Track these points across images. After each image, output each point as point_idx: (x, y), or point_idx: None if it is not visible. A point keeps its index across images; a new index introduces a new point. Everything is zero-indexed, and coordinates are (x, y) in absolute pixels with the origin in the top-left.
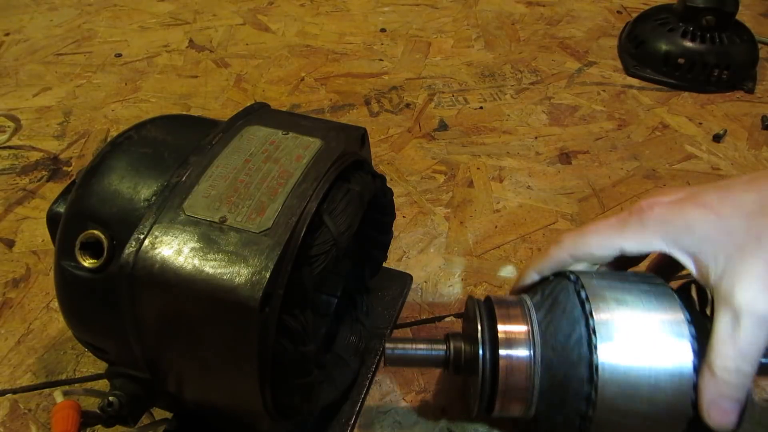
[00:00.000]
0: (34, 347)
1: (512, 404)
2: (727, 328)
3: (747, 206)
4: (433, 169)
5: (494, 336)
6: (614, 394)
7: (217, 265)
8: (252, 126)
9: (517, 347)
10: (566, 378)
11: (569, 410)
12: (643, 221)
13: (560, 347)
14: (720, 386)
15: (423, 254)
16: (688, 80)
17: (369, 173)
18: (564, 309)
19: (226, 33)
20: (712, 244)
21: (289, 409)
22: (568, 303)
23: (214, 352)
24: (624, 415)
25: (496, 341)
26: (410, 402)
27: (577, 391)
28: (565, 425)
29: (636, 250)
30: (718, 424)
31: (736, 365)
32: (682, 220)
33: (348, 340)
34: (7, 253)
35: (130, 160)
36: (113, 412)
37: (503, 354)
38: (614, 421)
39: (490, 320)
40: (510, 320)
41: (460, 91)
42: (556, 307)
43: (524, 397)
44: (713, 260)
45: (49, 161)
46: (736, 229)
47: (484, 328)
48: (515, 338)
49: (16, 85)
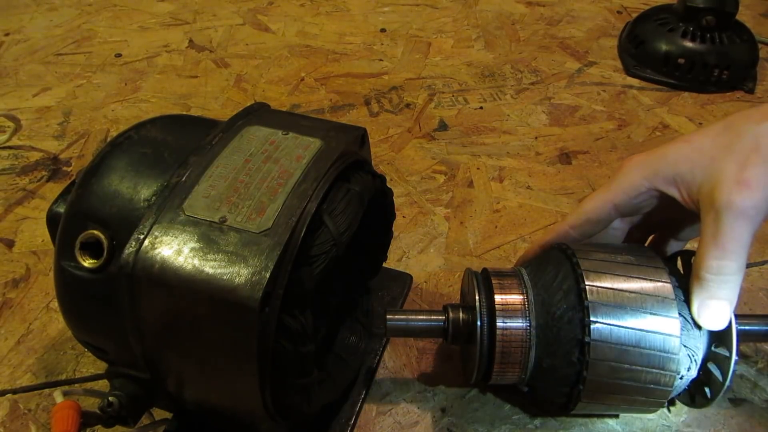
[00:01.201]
0: (34, 347)
1: (508, 372)
2: (709, 230)
3: (713, 130)
4: (433, 169)
5: (491, 306)
6: (605, 354)
7: (217, 266)
8: (252, 126)
9: (513, 317)
10: (559, 344)
11: (562, 375)
12: (624, 171)
13: (553, 314)
14: (707, 288)
15: (423, 254)
16: (688, 80)
17: (369, 173)
18: (556, 278)
19: (226, 33)
20: (687, 163)
21: (289, 409)
22: (560, 272)
23: (214, 352)
24: (616, 372)
25: (494, 311)
26: (410, 402)
27: (569, 355)
28: (559, 388)
29: (626, 200)
30: (710, 324)
31: (719, 263)
32: (658, 156)
33: (348, 340)
34: (7, 253)
35: (130, 160)
36: (113, 412)
37: (500, 324)
38: (606, 381)
39: (487, 291)
40: (506, 290)
41: (460, 91)
42: (549, 276)
43: (520, 365)
44: (691, 177)
45: (49, 161)
46: (707, 146)
47: (482, 299)
48: (511, 308)
49: (16, 85)
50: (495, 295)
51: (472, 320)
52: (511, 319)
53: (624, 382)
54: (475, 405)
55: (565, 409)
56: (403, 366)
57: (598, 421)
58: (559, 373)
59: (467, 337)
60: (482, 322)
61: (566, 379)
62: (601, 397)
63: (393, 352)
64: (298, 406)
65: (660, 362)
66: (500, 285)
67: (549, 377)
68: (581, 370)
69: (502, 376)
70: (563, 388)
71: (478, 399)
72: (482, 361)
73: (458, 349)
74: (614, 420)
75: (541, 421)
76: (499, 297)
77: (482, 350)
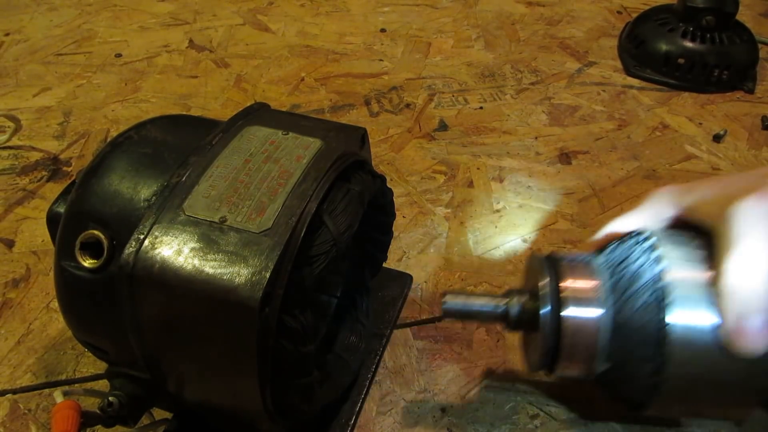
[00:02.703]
0: (34, 347)
1: (574, 365)
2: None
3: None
4: (433, 169)
5: (558, 293)
6: (685, 358)
7: (217, 266)
8: (252, 126)
9: (583, 306)
10: (634, 340)
11: (636, 374)
12: (655, 198)
13: (629, 307)
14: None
15: (423, 254)
16: (688, 80)
17: (369, 173)
18: (634, 268)
19: (226, 33)
20: (711, 190)
21: (289, 409)
22: (637, 262)
23: (214, 352)
24: (694, 380)
25: (561, 299)
26: (410, 402)
27: (644, 354)
28: (632, 389)
29: (652, 224)
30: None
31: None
32: (687, 188)
33: (348, 340)
34: (7, 253)
35: (130, 160)
36: (113, 413)
37: (568, 313)
38: (684, 387)
39: (554, 276)
40: (575, 277)
41: (460, 91)
42: (625, 265)
43: (588, 359)
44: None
45: (49, 161)
46: (733, 183)
47: (548, 285)
48: (581, 296)
49: (16, 85)
50: (563, 282)
51: (537, 307)
52: (581, 306)
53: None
54: (475, 405)
55: (638, 408)
56: (403, 366)
57: (599, 422)
58: (633, 370)
59: (530, 324)
60: (548, 310)
61: (640, 378)
62: (680, 399)
63: (393, 352)
64: (298, 406)
65: None
66: (570, 269)
67: (621, 374)
68: (659, 369)
69: (568, 368)
70: (636, 387)
71: (478, 399)
72: (546, 352)
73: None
74: (614, 420)
75: (541, 421)
76: (567, 284)
77: (546, 341)
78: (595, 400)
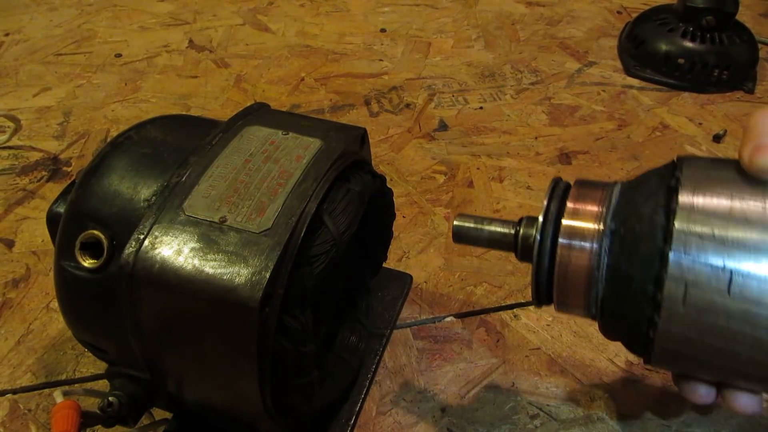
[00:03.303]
0: (34, 347)
1: (571, 298)
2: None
3: None
4: (433, 169)
5: (557, 220)
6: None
7: (217, 266)
8: (252, 126)
9: (581, 234)
10: (632, 273)
11: (633, 313)
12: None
13: (631, 235)
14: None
15: (423, 254)
16: (688, 80)
17: (369, 173)
18: (647, 191)
19: (226, 33)
20: None
21: (289, 409)
22: (651, 184)
23: (214, 352)
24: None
25: (561, 226)
26: (410, 402)
27: (642, 289)
28: (630, 330)
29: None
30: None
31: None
32: None
33: (348, 340)
34: (7, 254)
35: (130, 160)
36: (113, 413)
37: (563, 241)
38: (685, 334)
39: (559, 201)
40: (582, 201)
41: (460, 91)
42: (640, 188)
43: (584, 293)
44: None
45: (49, 161)
46: None
47: (549, 209)
48: (581, 224)
49: (16, 85)
50: (567, 207)
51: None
52: (578, 237)
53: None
54: (475, 405)
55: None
56: (403, 366)
57: (599, 422)
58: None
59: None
60: (542, 237)
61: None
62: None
63: (393, 352)
64: (298, 406)
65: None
66: (579, 194)
67: (619, 312)
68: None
69: (564, 303)
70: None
71: (478, 399)
72: (538, 283)
73: None
74: (614, 420)
75: (541, 421)
76: (571, 207)
77: (539, 270)
78: (595, 400)
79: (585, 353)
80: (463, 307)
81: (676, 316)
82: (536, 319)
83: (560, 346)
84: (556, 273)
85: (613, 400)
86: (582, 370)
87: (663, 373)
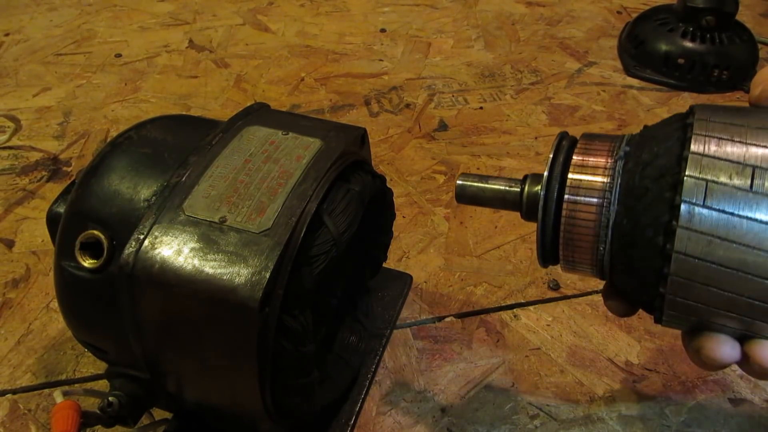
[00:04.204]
0: (34, 347)
1: (578, 255)
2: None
3: None
4: (433, 169)
5: (563, 175)
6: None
7: (217, 266)
8: (252, 126)
9: (588, 188)
10: (639, 225)
11: (642, 267)
12: None
13: (638, 188)
14: None
15: (423, 254)
16: (688, 80)
17: (369, 173)
18: (656, 141)
19: (226, 33)
20: None
21: (289, 409)
22: (662, 133)
23: (214, 352)
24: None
25: (564, 180)
26: (410, 402)
27: (651, 242)
28: (639, 285)
29: None
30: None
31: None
32: None
33: (348, 340)
34: (7, 254)
35: (130, 160)
36: (113, 413)
37: (570, 197)
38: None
39: (566, 155)
40: (590, 155)
41: (460, 92)
42: (650, 139)
43: (591, 250)
44: None
45: (49, 161)
46: None
47: (555, 164)
48: (588, 177)
49: (16, 85)
50: (573, 161)
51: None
52: (585, 191)
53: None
54: (475, 405)
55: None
56: (403, 366)
57: (599, 422)
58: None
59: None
60: (547, 192)
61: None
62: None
63: (393, 352)
64: (298, 406)
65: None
66: (586, 148)
67: (628, 267)
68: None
69: (571, 261)
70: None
71: (478, 399)
72: (544, 241)
73: None
74: (614, 420)
75: (541, 421)
76: (577, 159)
77: (544, 228)
78: (595, 400)
79: (585, 353)
80: (463, 307)
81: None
82: (536, 319)
83: (560, 346)
84: (562, 230)
85: (613, 400)
86: (582, 370)
87: (663, 373)
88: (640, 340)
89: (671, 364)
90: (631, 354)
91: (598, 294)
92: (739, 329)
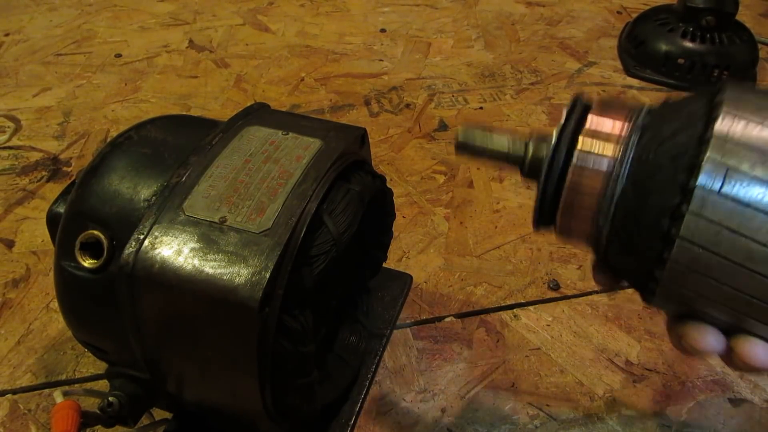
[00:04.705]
0: (34, 347)
1: (576, 223)
2: None
3: None
4: (433, 170)
5: (574, 137)
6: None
7: (217, 266)
8: (252, 126)
9: (597, 155)
10: (646, 204)
11: (641, 248)
12: None
13: (651, 164)
14: None
15: (423, 254)
16: (688, 80)
17: (369, 173)
18: (679, 116)
19: (226, 33)
20: None
21: (289, 409)
22: (688, 107)
23: (213, 352)
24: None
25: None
26: (410, 402)
27: (655, 223)
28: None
29: None
30: None
31: None
32: None
33: (348, 340)
34: (7, 254)
35: (130, 160)
36: (113, 413)
37: (578, 162)
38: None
39: (579, 116)
40: (604, 122)
41: (460, 92)
42: (672, 113)
43: (592, 218)
44: None
45: (49, 161)
46: None
47: (566, 126)
48: (599, 143)
49: (16, 85)
50: (585, 123)
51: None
52: (594, 158)
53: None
54: (474, 405)
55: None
56: (403, 366)
57: (599, 422)
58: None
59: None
60: (554, 153)
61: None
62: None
63: (393, 352)
64: (298, 406)
65: None
66: (601, 113)
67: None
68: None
69: (567, 228)
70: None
71: (478, 399)
72: (543, 204)
73: None
74: (614, 420)
75: (541, 421)
76: (591, 122)
77: (545, 190)
78: (595, 400)
79: (585, 353)
80: (463, 307)
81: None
82: (536, 319)
83: (560, 346)
84: (564, 195)
85: (613, 400)
86: (582, 370)
87: (663, 372)
88: (640, 340)
89: (671, 364)
90: (631, 354)
91: (598, 294)
92: (728, 322)
